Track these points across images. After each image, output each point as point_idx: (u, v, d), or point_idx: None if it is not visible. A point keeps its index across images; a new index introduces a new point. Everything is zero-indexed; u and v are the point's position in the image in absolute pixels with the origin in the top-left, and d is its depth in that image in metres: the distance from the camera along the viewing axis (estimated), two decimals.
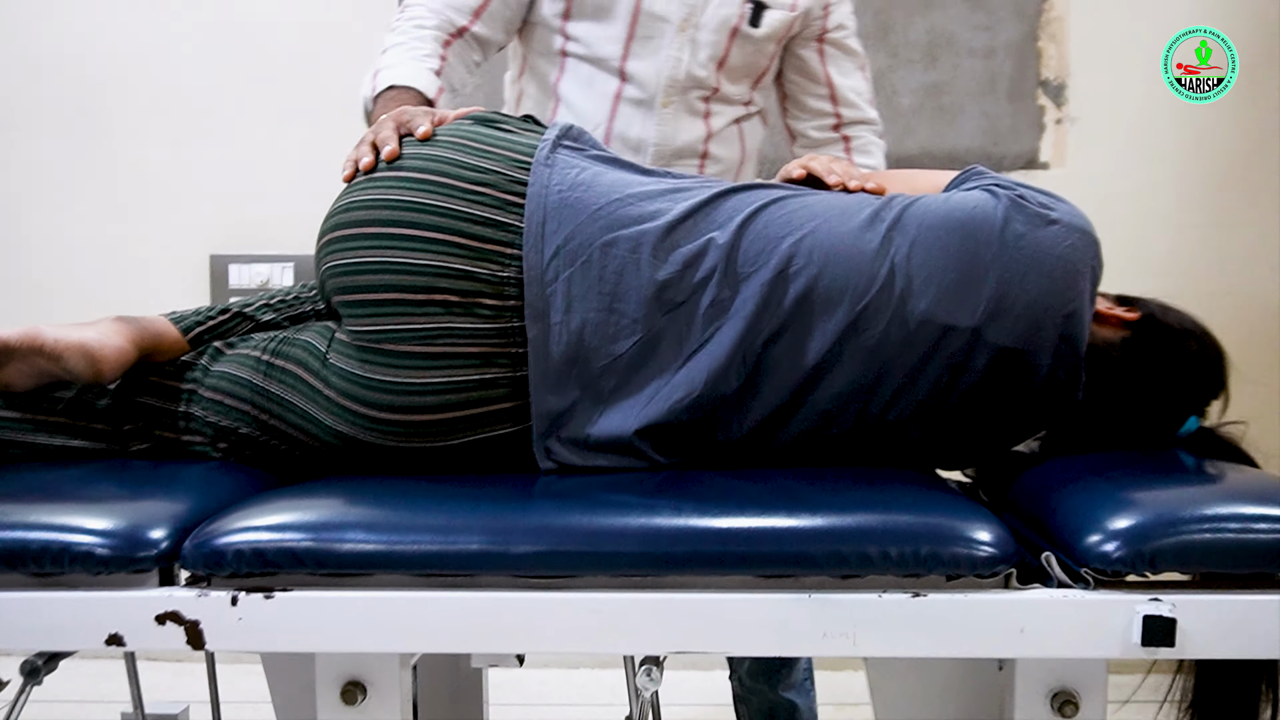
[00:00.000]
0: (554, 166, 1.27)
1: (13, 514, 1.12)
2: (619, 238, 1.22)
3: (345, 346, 1.26)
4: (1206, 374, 1.33)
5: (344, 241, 1.27)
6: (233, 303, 1.47)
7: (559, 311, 1.21)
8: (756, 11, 1.71)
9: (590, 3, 1.69)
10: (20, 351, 1.31)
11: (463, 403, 1.22)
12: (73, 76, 2.64)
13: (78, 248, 2.66)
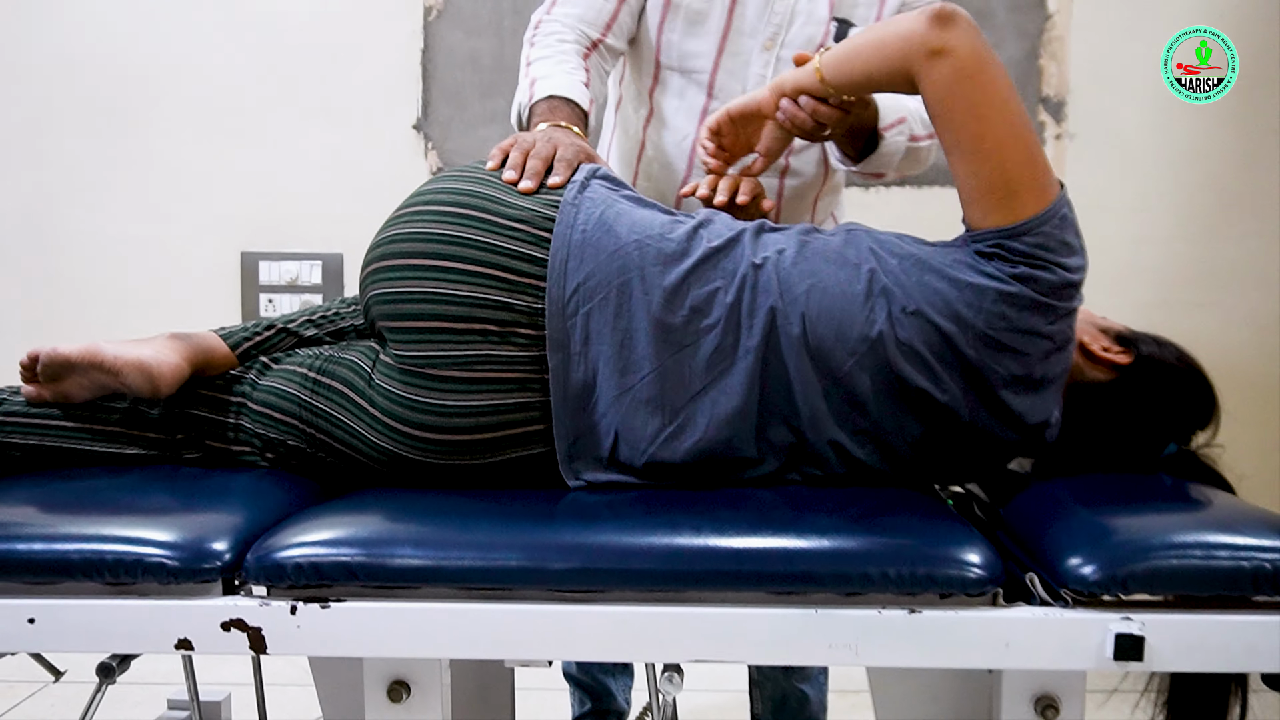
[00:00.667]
0: (580, 206, 1.36)
1: (87, 526, 1.22)
2: (633, 279, 1.31)
3: (389, 369, 1.35)
4: (1191, 412, 1.41)
5: (389, 272, 1.36)
6: (276, 318, 1.56)
7: (577, 343, 1.31)
8: (842, 29, 1.73)
9: (684, 18, 1.73)
10: (80, 366, 1.41)
11: (498, 424, 1.32)
12: (108, 76, 2.70)
13: (112, 244, 2.74)
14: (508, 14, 2.60)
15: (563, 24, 1.74)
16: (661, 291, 1.31)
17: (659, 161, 1.85)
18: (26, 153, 2.72)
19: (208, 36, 2.68)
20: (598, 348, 1.31)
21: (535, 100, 1.63)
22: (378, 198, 2.63)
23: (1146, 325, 1.60)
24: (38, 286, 2.76)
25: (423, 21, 2.63)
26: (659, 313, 1.31)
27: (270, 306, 2.72)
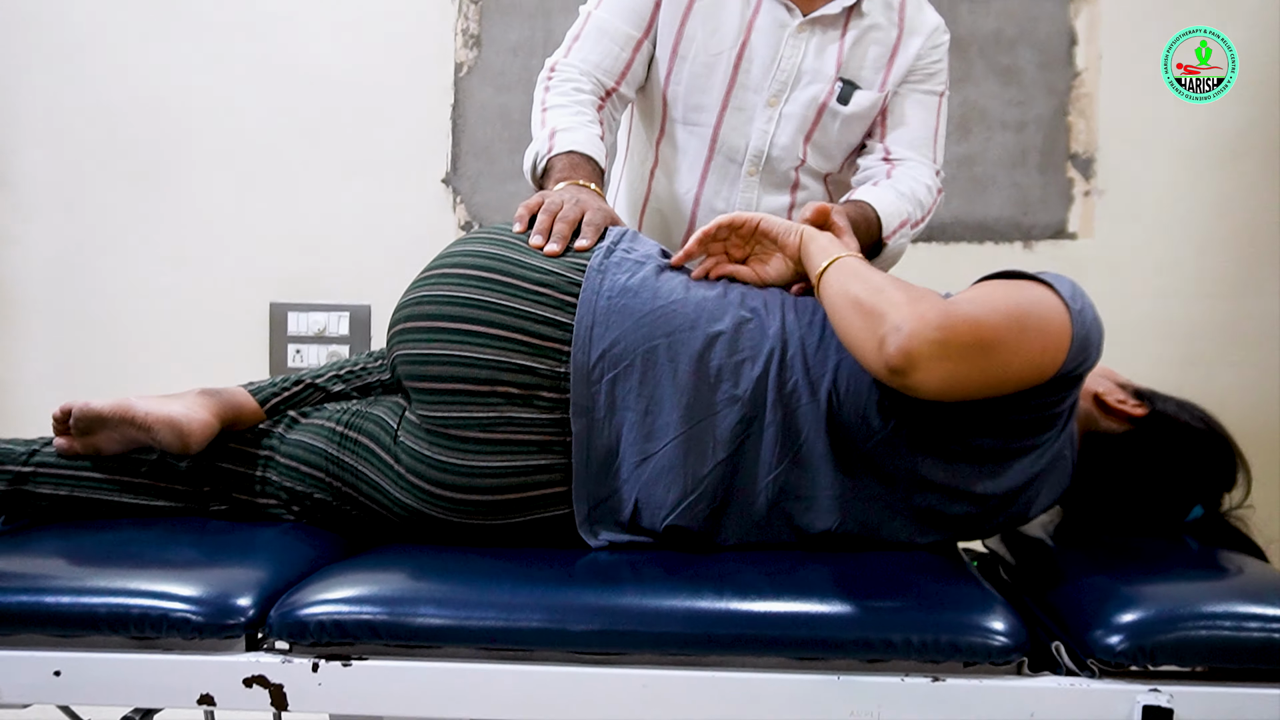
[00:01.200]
0: (605, 273, 1.37)
1: (114, 580, 1.23)
2: (659, 346, 1.32)
3: (414, 428, 1.36)
4: (1211, 472, 1.40)
5: (415, 334, 1.38)
6: (304, 373, 1.58)
7: (601, 409, 1.31)
8: (846, 90, 1.75)
9: (690, 71, 1.75)
10: (112, 421, 1.42)
11: (521, 485, 1.32)
12: (145, 128, 2.74)
13: (144, 292, 2.76)
14: (537, 70, 2.60)
15: (579, 71, 1.75)
16: (687, 360, 1.32)
17: (663, 211, 1.86)
18: (63, 201, 2.76)
19: (242, 90, 2.72)
20: (621, 414, 1.32)
21: (555, 154, 1.64)
22: (406, 250, 2.67)
23: (1174, 382, 1.59)
24: (70, 333, 2.79)
25: (453, 78, 2.67)
26: (684, 381, 1.31)
27: (298, 357, 2.75)
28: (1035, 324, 1.21)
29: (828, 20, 1.73)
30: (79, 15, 2.72)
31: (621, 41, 1.75)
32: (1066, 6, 2.52)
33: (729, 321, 1.33)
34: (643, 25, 1.75)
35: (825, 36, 1.74)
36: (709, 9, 1.73)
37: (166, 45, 2.71)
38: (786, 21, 1.72)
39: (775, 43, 1.72)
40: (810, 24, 1.73)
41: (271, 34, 2.69)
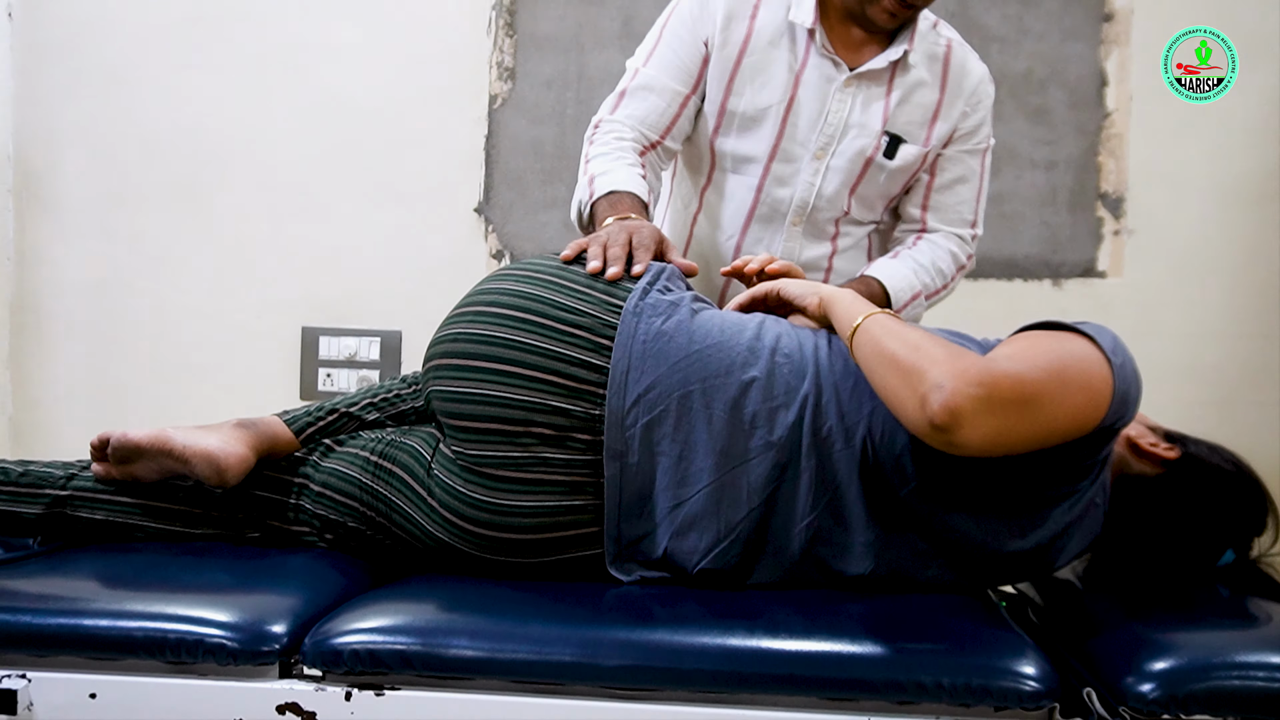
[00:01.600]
0: (641, 315, 1.37)
1: (151, 604, 1.24)
2: (695, 391, 1.32)
3: (449, 462, 1.37)
4: (1242, 515, 1.38)
5: (451, 371, 1.39)
6: (339, 402, 1.58)
7: (635, 454, 1.31)
8: (893, 144, 1.78)
9: (739, 125, 1.78)
10: (149, 452, 1.44)
11: (553, 525, 1.33)
12: (183, 155, 2.79)
13: (179, 315, 2.80)
14: (570, 104, 2.66)
15: (623, 124, 1.78)
16: (723, 406, 1.32)
17: (705, 256, 1.87)
18: (102, 225, 2.81)
19: (281, 119, 2.76)
20: (655, 459, 1.32)
21: (596, 197, 1.67)
22: (438, 278, 2.70)
23: (1202, 423, 1.59)
24: (104, 353, 2.82)
25: (488, 109, 2.70)
26: (719, 427, 1.31)
27: (328, 380, 2.77)
28: (1077, 378, 1.21)
29: (874, 75, 1.76)
30: (123, 43, 2.77)
31: (669, 98, 1.78)
32: (1097, 48, 2.53)
33: (763, 367, 1.33)
34: (691, 81, 1.78)
35: (871, 91, 1.77)
36: (757, 64, 1.76)
37: (208, 74, 2.76)
38: (834, 76, 1.75)
39: (823, 97, 1.76)
40: (857, 79, 1.76)
41: (311, 64, 2.73)
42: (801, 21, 1.74)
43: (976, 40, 2.52)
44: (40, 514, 1.49)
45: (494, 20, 2.68)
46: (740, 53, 1.75)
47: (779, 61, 1.76)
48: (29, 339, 2.83)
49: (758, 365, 1.34)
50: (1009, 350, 1.24)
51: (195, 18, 2.75)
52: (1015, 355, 1.22)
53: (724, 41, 1.76)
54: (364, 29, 2.72)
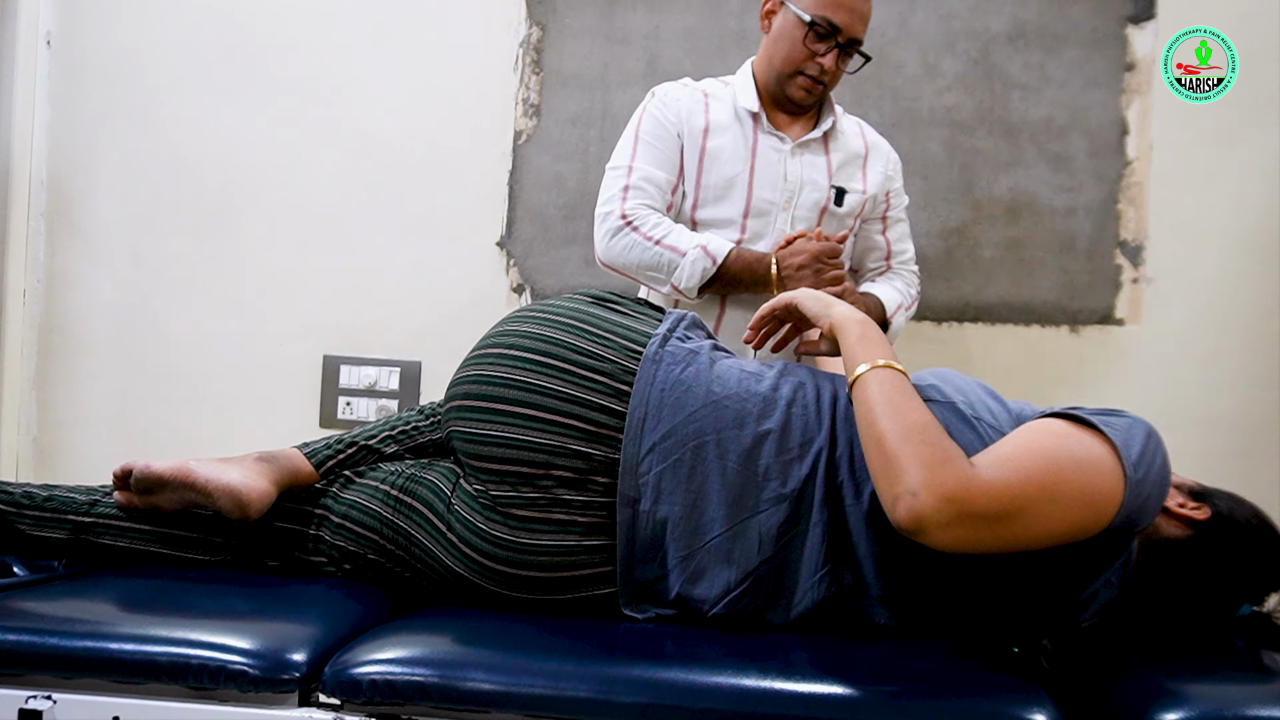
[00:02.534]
0: (660, 364, 1.39)
1: (175, 630, 1.27)
2: (709, 442, 1.34)
3: (469, 499, 1.39)
4: (1266, 572, 1.37)
5: (472, 412, 1.41)
6: (357, 434, 1.60)
7: (648, 501, 1.33)
8: (839, 195, 2.17)
9: (713, 195, 2.13)
10: (171, 484, 1.46)
11: (571, 564, 1.34)
12: (213, 182, 2.83)
13: (203, 341, 2.83)
14: (594, 141, 2.69)
15: (646, 205, 2.10)
16: (736, 457, 1.33)
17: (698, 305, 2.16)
18: (130, 249, 2.84)
19: (309, 149, 2.79)
20: (669, 507, 1.33)
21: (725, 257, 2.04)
22: (459, 310, 2.73)
23: (1219, 473, 1.59)
24: (129, 378, 2.85)
25: (512, 145, 2.73)
26: (732, 478, 1.33)
27: (348, 409, 2.79)
28: (1073, 491, 1.19)
29: (813, 144, 2.17)
30: (158, 72, 2.82)
31: (665, 186, 2.12)
32: (1119, 97, 2.55)
33: (779, 419, 1.35)
34: (676, 170, 2.14)
35: (814, 157, 2.17)
36: (720, 144, 2.13)
37: (239, 104, 2.80)
38: (781, 147, 2.14)
39: (778, 162, 2.14)
40: (801, 146, 2.15)
41: (340, 97, 2.77)
42: (748, 106, 2.14)
43: (999, 87, 2.56)
44: (64, 539, 1.51)
45: (521, 58, 2.72)
46: (704, 136, 2.13)
47: (736, 139, 2.14)
48: (56, 361, 2.87)
49: (773, 417, 1.35)
50: (1008, 450, 1.22)
51: (230, 49, 2.80)
52: (1009, 460, 1.20)
53: (690, 130, 2.13)
54: (394, 63, 2.76)
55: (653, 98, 2.18)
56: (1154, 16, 2.52)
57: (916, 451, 1.17)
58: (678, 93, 2.17)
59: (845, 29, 2.07)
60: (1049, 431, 1.25)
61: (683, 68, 2.63)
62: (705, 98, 2.17)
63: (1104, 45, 2.55)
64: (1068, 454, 1.21)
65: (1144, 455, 1.23)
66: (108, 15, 2.83)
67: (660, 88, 2.20)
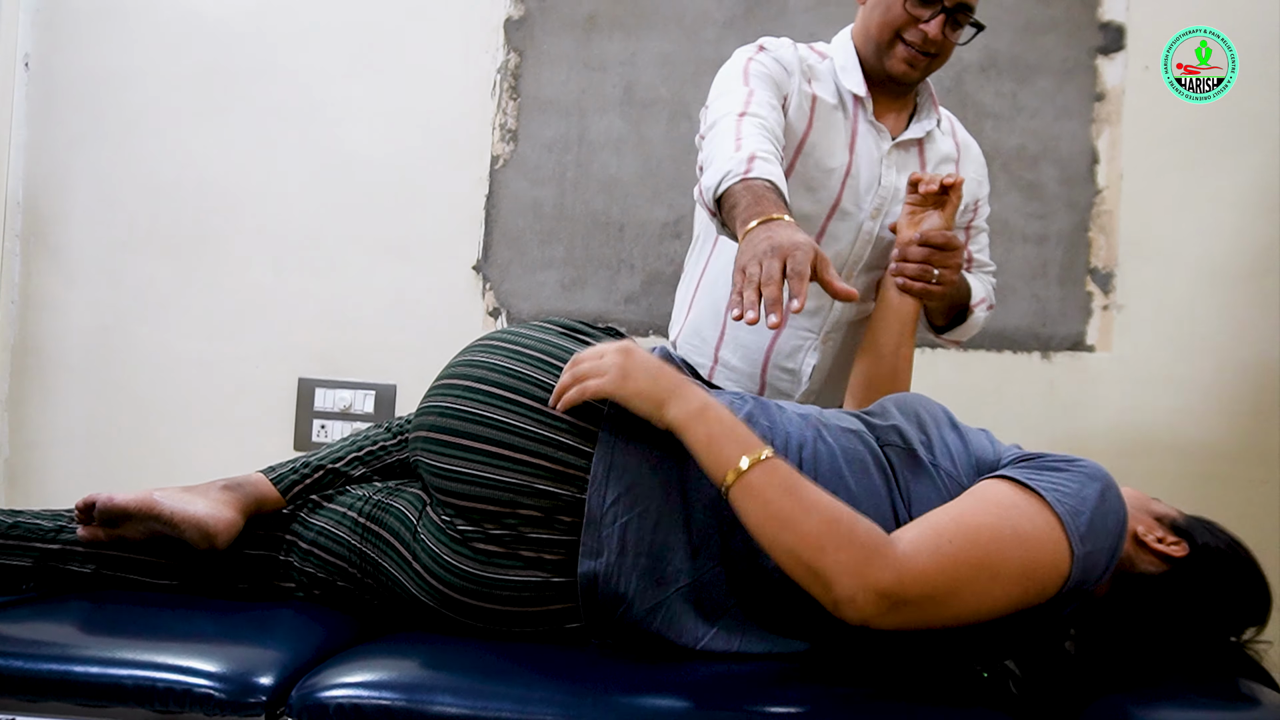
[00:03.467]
0: (625, 412, 1.33)
1: (140, 653, 1.26)
2: (674, 492, 1.32)
3: (435, 529, 1.38)
4: (1245, 607, 1.36)
5: (440, 446, 1.39)
6: (323, 457, 1.58)
7: (613, 553, 1.30)
8: None
9: (805, 184, 1.83)
10: (136, 516, 1.45)
11: (537, 599, 1.34)
12: (189, 206, 2.82)
13: (178, 363, 2.82)
14: (570, 166, 2.71)
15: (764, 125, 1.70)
16: (702, 508, 1.32)
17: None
18: (106, 271, 2.84)
19: (286, 172, 2.80)
20: (634, 559, 1.31)
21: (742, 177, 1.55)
22: (434, 333, 2.73)
23: (1193, 498, 1.59)
24: (104, 400, 2.84)
25: (489, 169, 2.74)
26: (699, 528, 1.32)
27: (323, 432, 2.79)
28: (1015, 566, 1.19)
29: (910, 144, 1.91)
30: (135, 95, 2.82)
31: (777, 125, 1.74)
32: (1089, 126, 2.58)
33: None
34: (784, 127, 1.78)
35: (908, 159, 1.91)
36: (823, 128, 1.85)
37: (216, 128, 2.80)
38: (880, 144, 1.88)
39: (874, 163, 1.87)
40: (898, 147, 1.89)
41: (317, 121, 2.78)
42: (855, 89, 1.86)
43: (971, 115, 2.58)
44: (29, 567, 1.50)
45: (499, 83, 2.74)
46: (811, 115, 1.84)
47: (838, 127, 1.86)
48: (29, 382, 2.86)
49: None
50: (946, 524, 1.20)
51: (208, 72, 2.80)
52: (944, 538, 1.18)
53: (798, 103, 1.82)
54: (372, 88, 2.77)
55: (764, 52, 1.83)
56: (1123, 48, 2.56)
57: (836, 560, 1.15)
58: (788, 54, 1.84)
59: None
60: (992, 502, 1.23)
61: (659, 94, 2.65)
62: (809, 72, 1.87)
63: (1074, 76, 2.58)
64: (1010, 529, 1.20)
65: (1094, 524, 1.22)
66: (86, 38, 2.84)
67: (768, 44, 1.85)
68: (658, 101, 2.32)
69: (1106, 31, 2.57)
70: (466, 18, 2.74)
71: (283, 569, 1.48)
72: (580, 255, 2.70)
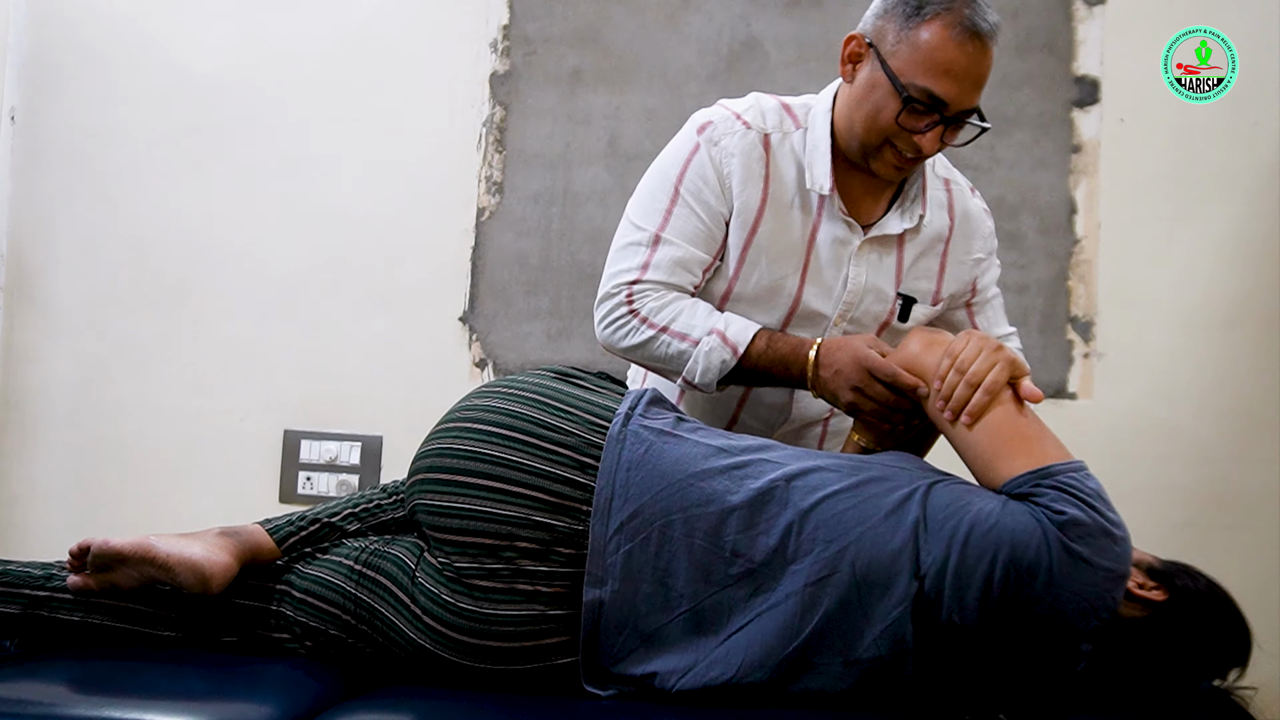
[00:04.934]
0: (625, 443, 1.39)
1: (127, 711, 1.26)
2: (675, 520, 1.34)
3: (433, 572, 1.39)
4: (1224, 653, 1.38)
5: (437, 485, 1.41)
6: (320, 511, 1.59)
7: (615, 580, 1.33)
8: (905, 307, 1.74)
9: (749, 294, 1.69)
10: (131, 560, 1.45)
11: (534, 633, 1.35)
12: (174, 259, 2.83)
13: (162, 415, 2.81)
14: (556, 218, 2.73)
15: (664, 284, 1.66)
16: (703, 534, 1.34)
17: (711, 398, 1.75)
18: (91, 324, 2.84)
19: (271, 225, 2.81)
20: (636, 585, 1.33)
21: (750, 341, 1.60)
22: (421, 384, 2.74)
23: (1170, 544, 1.61)
24: (87, 453, 2.83)
25: (475, 221, 2.76)
26: (700, 555, 1.34)
27: (308, 484, 2.78)
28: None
29: (888, 239, 1.72)
30: (121, 150, 2.84)
31: (697, 267, 1.67)
32: (1066, 178, 2.62)
33: (744, 494, 1.35)
34: (715, 248, 1.68)
35: (884, 253, 1.72)
36: (771, 232, 1.67)
37: (203, 181, 2.82)
38: (848, 239, 1.69)
39: (839, 261, 1.69)
40: (871, 242, 1.70)
41: (303, 174, 2.80)
42: (820, 187, 1.66)
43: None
44: (17, 614, 1.49)
45: (484, 136, 2.76)
46: (756, 221, 1.66)
47: (792, 224, 1.68)
48: (13, 435, 2.84)
49: (739, 493, 1.35)
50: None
51: (194, 128, 2.82)
52: None
53: (741, 208, 1.66)
54: (357, 142, 2.79)
55: (710, 144, 1.66)
56: (1098, 101, 2.61)
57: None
58: (736, 144, 1.65)
59: (954, 102, 1.56)
60: None
61: (643, 147, 2.68)
62: (766, 151, 1.67)
63: (1051, 129, 2.63)
64: None
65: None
66: (72, 93, 2.85)
67: (717, 127, 1.66)
68: (642, 154, 2.34)
69: (1081, 85, 2.62)
70: (452, 72, 2.77)
71: (275, 619, 1.47)
72: (566, 306, 2.71)
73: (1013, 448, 1.37)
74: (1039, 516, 1.28)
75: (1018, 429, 1.39)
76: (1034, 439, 1.38)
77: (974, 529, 1.29)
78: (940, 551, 1.29)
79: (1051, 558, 1.25)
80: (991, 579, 1.26)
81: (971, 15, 1.53)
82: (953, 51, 1.53)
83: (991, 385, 1.40)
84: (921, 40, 1.54)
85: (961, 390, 1.41)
